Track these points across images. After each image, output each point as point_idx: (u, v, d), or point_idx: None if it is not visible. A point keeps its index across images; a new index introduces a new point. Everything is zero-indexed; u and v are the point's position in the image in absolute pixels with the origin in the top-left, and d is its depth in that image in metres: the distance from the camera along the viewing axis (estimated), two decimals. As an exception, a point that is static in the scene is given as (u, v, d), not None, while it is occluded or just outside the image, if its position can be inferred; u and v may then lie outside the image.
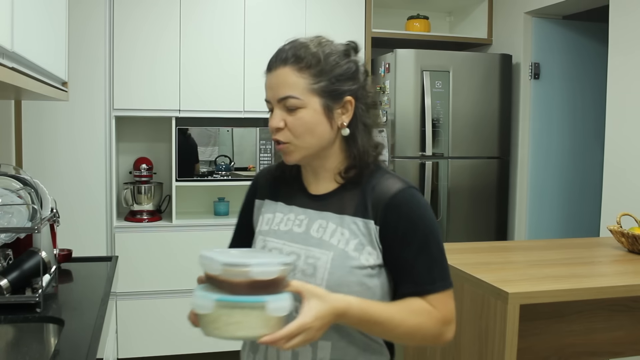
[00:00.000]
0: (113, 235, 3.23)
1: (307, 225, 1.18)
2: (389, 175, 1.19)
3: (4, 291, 1.63)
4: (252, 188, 1.34)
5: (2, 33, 1.27)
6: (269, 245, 1.20)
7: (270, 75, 1.16)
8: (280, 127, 1.14)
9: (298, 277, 1.13)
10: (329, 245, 1.14)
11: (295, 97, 1.12)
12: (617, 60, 2.91)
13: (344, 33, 4.15)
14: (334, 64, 1.15)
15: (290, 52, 1.14)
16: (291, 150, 1.16)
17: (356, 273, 1.11)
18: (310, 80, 1.13)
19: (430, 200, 3.44)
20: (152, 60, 3.25)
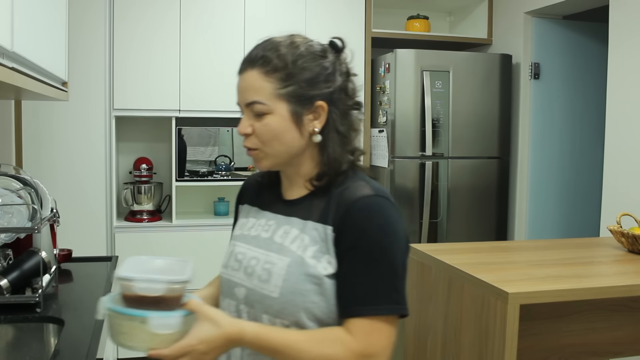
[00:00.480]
0: (113, 235, 3.23)
1: (273, 230, 1.14)
2: (362, 181, 1.10)
3: (4, 291, 1.63)
4: (239, 194, 1.32)
5: (2, 33, 1.27)
6: (236, 249, 1.17)
7: (240, 78, 1.11)
8: (247, 133, 1.10)
9: (254, 282, 1.09)
10: (288, 251, 1.08)
11: (261, 102, 1.07)
12: (617, 60, 2.91)
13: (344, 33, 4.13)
14: (303, 66, 1.08)
15: (259, 53, 1.09)
16: (260, 157, 1.11)
17: (312, 281, 1.04)
18: (276, 84, 1.07)
19: (430, 200, 3.44)
20: (152, 60, 3.25)
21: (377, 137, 3.60)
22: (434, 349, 2.00)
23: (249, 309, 1.10)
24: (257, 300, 1.08)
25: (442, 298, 1.94)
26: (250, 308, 1.10)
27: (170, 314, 0.98)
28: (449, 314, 1.89)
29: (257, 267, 1.10)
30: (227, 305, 1.16)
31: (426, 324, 2.04)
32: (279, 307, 1.05)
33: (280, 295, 1.05)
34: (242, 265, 1.14)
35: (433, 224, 3.47)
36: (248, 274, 1.11)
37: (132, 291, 0.98)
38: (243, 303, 1.12)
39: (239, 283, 1.13)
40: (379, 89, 3.57)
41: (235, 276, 1.14)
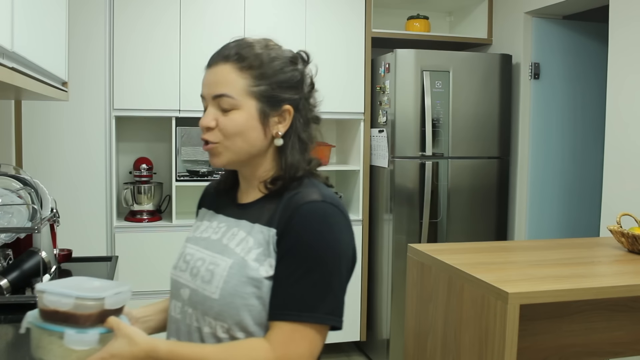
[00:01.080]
0: (113, 235, 3.23)
1: (223, 232, 1.14)
2: (314, 188, 1.10)
3: (4, 291, 1.63)
4: (200, 199, 1.34)
5: (2, 33, 1.27)
6: (185, 250, 1.18)
7: (209, 71, 1.11)
8: (211, 127, 1.09)
9: (197, 283, 1.09)
10: (232, 253, 1.08)
11: (231, 96, 1.07)
12: (617, 60, 2.91)
13: (344, 33, 4.15)
14: (277, 69, 1.10)
15: (233, 50, 1.09)
16: (219, 152, 1.10)
17: (253, 285, 1.04)
18: (250, 81, 1.08)
19: (430, 200, 3.44)
20: (152, 60, 3.25)
21: (377, 137, 3.60)
22: (434, 349, 2.00)
23: (193, 310, 1.10)
24: (199, 301, 1.08)
25: (442, 298, 1.94)
26: (194, 309, 1.10)
27: (87, 331, 0.98)
28: (449, 314, 1.89)
29: (202, 268, 1.10)
30: (173, 307, 1.16)
31: (426, 324, 2.04)
32: (219, 308, 1.05)
33: (220, 296, 1.05)
34: (189, 266, 1.14)
35: (433, 224, 3.47)
36: (193, 275, 1.12)
37: (43, 303, 0.99)
38: (187, 304, 1.12)
39: (184, 284, 1.13)
40: (379, 89, 3.57)
41: (182, 277, 1.15)
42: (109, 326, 1.00)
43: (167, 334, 1.18)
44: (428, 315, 2.03)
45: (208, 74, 1.12)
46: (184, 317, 1.12)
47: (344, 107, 3.56)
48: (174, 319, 1.15)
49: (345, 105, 3.56)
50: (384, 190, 3.55)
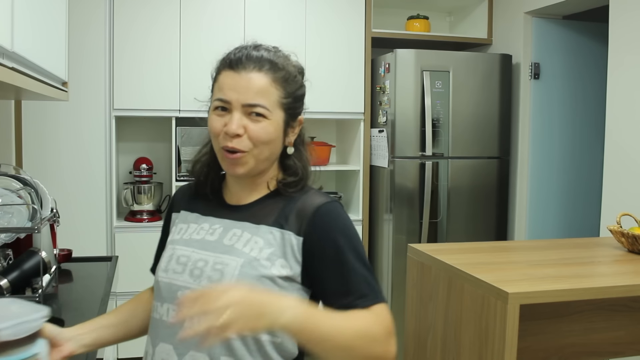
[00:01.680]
0: (113, 235, 3.23)
1: (220, 233, 1.14)
2: (314, 191, 1.17)
3: (4, 291, 1.63)
4: (170, 203, 1.32)
5: (2, 33, 1.27)
6: (177, 252, 1.14)
7: (239, 76, 1.09)
8: (240, 134, 1.08)
9: (204, 284, 1.07)
10: (240, 253, 1.09)
11: (266, 107, 1.09)
12: (617, 60, 2.91)
13: (344, 33, 4.15)
14: (299, 83, 1.15)
15: (265, 60, 1.10)
16: (246, 161, 1.10)
17: (266, 282, 1.06)
18: (282, 93, 1.11)
19: (430, 200, 3.44)
20: (152, 60, 3.25)
21: (377, 137, 3.60)
22: (434, 349, 2.00)
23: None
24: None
25: (442, 298, 1.94)
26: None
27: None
28: (449, 314, 1.89)
29: (207, 268, 1.09)
30: (165, 311, 1.12)
31: (426, 324, 2.04)
32: None
33: None
34: (186, 268, 1.11)
35: (433, 224, 3.47)
36: (195, 276, 1.09)
37: None
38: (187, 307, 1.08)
39: (183, 286, 1.10)
40: (379, 89, 3.57)
41: (179, 279, 1.11)
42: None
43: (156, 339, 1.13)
44: (428, 315, 2.03)
45: (237, 78, 1.10)
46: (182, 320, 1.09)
47: (344, 107, 3.56)
48: (165, 324, 1.11)
49: (345, 105, 3.56)
50: (384, 190, 3.55)
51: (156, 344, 1.12)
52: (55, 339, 1.08)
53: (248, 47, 1.14)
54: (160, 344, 1.11)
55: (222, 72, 1.14)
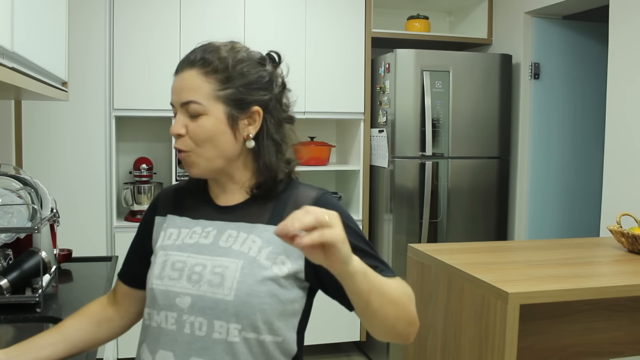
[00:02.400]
0: (113, 235, 3.23)
1: (215, 236, 1.11)
2: (303, 185, 1.15)
3: (4, 291, 1.63)
4: (151, 206, 1.27)
5: (2, 33, 1.27)
6: (171, 258, 1.11)
7: (177, 78, 1.12)
8: (181, 134, 1.08)
9: (204, 288, 1.05)
10: (239, 254, 1.06)
11: (198, 102, 1.07)
12: (617, 60, 2.91)
13: (344, 33, 4.14)
14: (243, 71, 1.09)
15: (198, 55, 1.10)
16: (192, 161, 1.09)
17: (267, 283, 1.04)
18: (215, 85, 1.07)
19: (430, 200, 3.44)
20: (152, 60, 3.25)
21: (377, 137, 3.60)
22: (434, 349, 2.00)
23: (195, 317, 1.05)
24: (209, 306, 1.04)
25: (442, 298, 1.94)
26: (199, 316, 1.05)
27: None
28: (449, 314, 1.89)
29: (205, 272, 1.06)
30: (163, 318, 1.09)
31: (426, 324, 2.04)
32: (234, 310, 1.03)
33: (235, 297, 1.03)
34: (183, 274, 1.08)
35: (433, 224, 3.47)
36: (194, 281, 1.06)
37: None
38: (188, 313, 1.06)
39: (181, 292, 1.07)
40: (379, 89, 3.57)
41: (176, 286, 1.08)
42: None
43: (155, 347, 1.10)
44: (428, 315, 2.03)
45: (176, 80, 1.12)
46: (182, 326, 1.06)
47: (344, 107, 3.56)
48: (165, 331, 1.08)
49: (345, 105, 3.57)
50: (384, 190, 3.55)
51: (155, 352, 1.09)
52: None
53: (193, 49, 1.14)
54: (160, 351, 1.09)
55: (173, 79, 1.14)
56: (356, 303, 0.97)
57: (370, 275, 0.94)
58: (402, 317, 1.01)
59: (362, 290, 0.93)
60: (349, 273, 0.90)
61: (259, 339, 1.05)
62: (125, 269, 1.27)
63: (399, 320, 1.00)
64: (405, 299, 1.02)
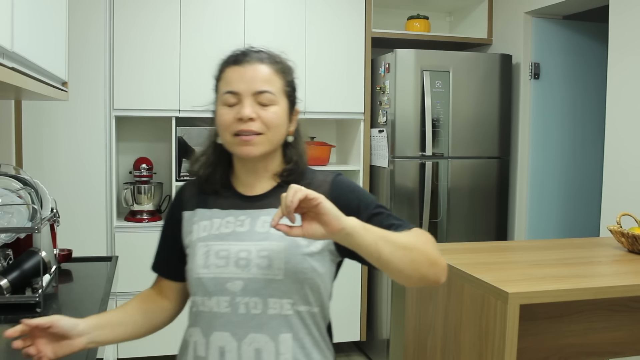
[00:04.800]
0: (113, 235, 3.23)
1: (250, 224, 1.21)
2: (318, 171, 1.30)
3: (4, 291, 1.63)
4: (176, 202, 1.33)
5: (2, 33, 1.27)
6: (212, 248, 1.19)
7: (243, 69, 1.21)
8: (253, 118, 1.17)
9: (254, 271, 1.15)
10: (279, 237, 1.15)
11: (272, 93, 1.19)
12: (617, 60, 2.91)
13: (344, 33, 4.14)
14: (294, 76, 1.28)
15: (264, 54, 1.24)
16: (260, 142, 1.19)
17: (308, 260, 1.16)
18: (283, 82, 1.22)
19: (430, 200, 3.44)
20: (152, 60, 3.25)
21: (377, 137, 3.60)
22: (434, 349, 2.00)
23: (250, 297, 1.15)
24: (262, 286, 1.15)
25: (442, 298, 1.94)
26: (253, 296, 1.15)
27: None
28: (449, 314, 1.89)
29: (252, 257, 1.16)
30: (215, 303, 1.17)
31: (426, 324, 2.04)
32: (286, 287, 1.15)
33: (284, 276, 1.15)
34: (229, 261, 1.17)
35: (433, 224, 3.47)
36: (242, 266, 1.16)
37: None
38: (241, 295, 1.15)
39: (231, 277, 1.16)
40: (379, 89, 3.57)
41: (225, 272, 1.17)
42: None
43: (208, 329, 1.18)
44: (428, 315, 2.03)
45: (241, 70, 1.21)
46: (236, 308, 1.15)
47: (344, 107, 3.56)
48: (218, 315, 1.17)
49: (345, 105, 3.57)
50: (384, 190, 3.55)
51: (209, 334, 1.18)
52: (68, 332, 1.15)
53: (245, 48, 1.27)
54: (214, 333, 1.17)
55: (226, 69, 1.24)
56: (368, 256, 1.07)
57: (371, 228, 1.05)
58: (420, 259, 1.10)
59: (367, 243, 1.04)
60: (347, 231, 1.01)
61: (308, 309, 1.18)
62: (163, 265, 1.34)
63: (418, 262, 1.09)
64: (419, 243, 1.12)
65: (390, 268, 1.08)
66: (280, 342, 1.15)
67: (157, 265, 1.35)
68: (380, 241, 1.05)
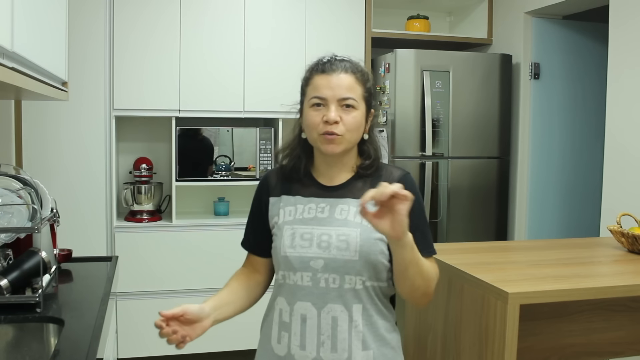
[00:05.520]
0: (113, 235, 3.23)
1: (329, 211, 1.41)
2: (389, 166, 1.49)
3: (4, 291, 1.63)
4: (263, 188, 1.52)
5: (2, 33, 1.27)
6: (299, 231, 1.40)
7: (329, 77, 1.39)
8: (337, 121, 1.36)
9: (334, 252, 1.35)
10: (355, 224, 1.37)
11: (355, 99, 1.38)
12: (617, 60, 2.91)
13: (344, 33, 4.13)
14: (372, 83, 1.46)
15: (348, 64, 1.41)
16: (340, 142, 1.38)
17: (378, 244, 1.36)
18: (363, 90, 1.41)
19: (430, 200, 3.44)
20: (152, 60, 3.25)
21: (377, 137, 3.60)
22: (434, 349, 2.00)
23: (328, 274, 1.36)
24: (340, 265, 1.35)
25: (442, 298, 1.94)
26: (331, 273, 1.36)
27: None
28: (449, 314, 1.90)
29: (332, 240, 1.37)
30: (299, 278, 1.38)
31: (426, 324, 2.04)
32: (360, 267, 1.35)
33: (360, 257, 1.35)
34: (313, 243, 1.38)
35: (433, 224, 3.47)
36: (323, 248, 1.37)
37: None
38: (321, 272, 1.36)
39: (314, 257, 1.37)
40: (379, 89, 3.57)
41: (309, 252, 1.38)
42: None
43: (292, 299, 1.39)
44: (428, 315, 2.03)
45: (329, 79, 1.38)
46: (317, 282, 1.36)
47: (344, 107, 3.56)
48: (301, 287, 1.38)
49: (345, 105, 3.56)
50: (384, 190, 3.55)
51: (293, 303, 1.39)
52: (198, 316, 1.32)
53: (330, 57, 1.43)
54: (297, 302, 1.38)
55: (314, 77, 1.41)
56: (397, 266, 1.30)
57: (416, 250, 1.27)
58: (423, 288, 1.34)
59: (406, 259, 1.26)
60: (403, 243, 1.23)
61: (375, 284, 1.38)
62: (255, 245, 1.52)
63: (420, 290, 1.34)
64: (431, 277, 1.35)
65: (404, 282, 1.33)
66: (353, 311, 1.36)
67: (247, 243, 1.54)
68: (413, 262, 1.28)
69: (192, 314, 1.31)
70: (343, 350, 1.36)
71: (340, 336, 1.36)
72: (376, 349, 1.38)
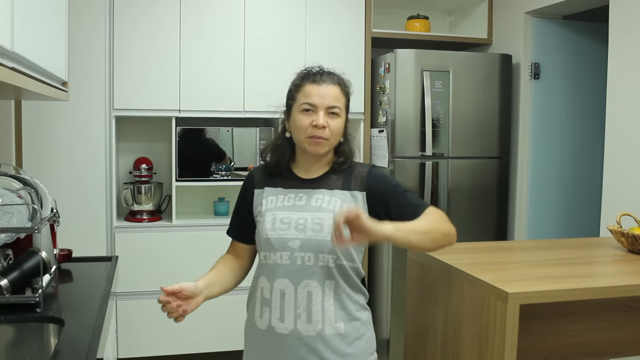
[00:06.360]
0: (113, 235, 3.24)
1: (306, 199, 1.59)
2: (358, 163, 1.69)
3: (4, 291, 1.63)
4: (249, 182, 1.70)
5: (2, 33, 1.27)
6: (278, 216, 1.57)
7: (320, 87, 1.59)
8: (325, 126, 1.56)
9: (309, 234, 1.53)
10: (328, 210, 1.56)
11: (340, 108, 1.61)
12: (617, 60, 2.91)
13: (344, 33, 4.13)
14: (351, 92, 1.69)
15: (335, 77, 1.64)
16: (325, 145, 1.58)
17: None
18: (346, 100, 1.64)
19: (430, 200, 3.44)
20: (152, 60, 3.25)
21: (377, 137, 3.60)
22: (434, 349, 2.00)
23: (304, 253, 1.53)
24: (314, 245, 1.53)
25: (442, 298, 1.94)
26: (307, 252, 1.53)
27: None
28: (449, 314, 1.89)
29: (308, 223, 1.54)
30: (278, 257, 1.55)
31: (426, 324, 2.04)
32: (332, 246, 1.49)
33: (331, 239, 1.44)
34: (291, 226, 1.55)
35: (433, 224, 3.47)
36: (300, 230, 1.54)
37: None
38: (299, 251, 1.53)
39: (292, 238, 1.54)
40: (379, 89, 3.57)
41: (287, 234, 1.55)
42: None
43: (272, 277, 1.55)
44: (428, 315, 2.03)
45: (319, 89, 1.58)
46: (294, 260, 1.54)
47: (344, 107, 3.56)
48: (280, 265, 1.55)
49: (345, 105, 3.56)
50: (384, 190, 3.55)
51: (273, 280, 1.56)
52: (194, 293, 1.48)
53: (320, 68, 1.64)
54: (277, 279, 1.55)
55: (305, 85, 1.60)
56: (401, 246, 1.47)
57: (401, 227, 1.44)
58: (438, 236, 1.52)
59: (401, 239, 1.45)
60: (385, 236, 1.40)
61: (346, 264, 1.55)
62: (239, 232, 1.71)
63: (437, 239, 1.52)
64: (435, 223, 1.53)
65: (417, 248, 1.58)
66: (325, 286, 1.53)
67: (232, 230, 1.72)
68: (409, 234, 1.45)
69: (188, 291, 1.47)
70: (317, 322, 1.52)
71: (314, 309, 1.52)
72: (347, 322, 1.55)
